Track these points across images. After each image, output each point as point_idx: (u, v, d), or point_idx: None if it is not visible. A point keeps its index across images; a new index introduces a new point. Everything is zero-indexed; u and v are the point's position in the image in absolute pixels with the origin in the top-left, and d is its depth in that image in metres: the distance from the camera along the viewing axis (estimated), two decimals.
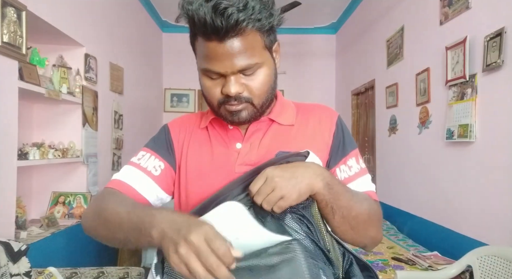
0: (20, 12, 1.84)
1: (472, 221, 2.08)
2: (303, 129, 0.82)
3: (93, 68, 2.78)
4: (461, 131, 2.09)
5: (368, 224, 0.72)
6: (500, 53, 1.80)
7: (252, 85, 0.72)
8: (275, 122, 0.82)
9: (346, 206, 0.67)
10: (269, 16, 0.70)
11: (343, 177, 0.78)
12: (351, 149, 0.81)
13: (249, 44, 0.68)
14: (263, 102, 0.75)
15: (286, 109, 0.85)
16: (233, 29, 0.65)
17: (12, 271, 1.48)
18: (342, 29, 4.97)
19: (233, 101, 0.72)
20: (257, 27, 0.68)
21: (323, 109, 0.87)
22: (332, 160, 0.80)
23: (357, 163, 0.80)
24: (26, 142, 2.28)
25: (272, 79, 0.77)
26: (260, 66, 0.72)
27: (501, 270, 1.67)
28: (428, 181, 2.58)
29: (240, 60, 0.68)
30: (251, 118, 0.76)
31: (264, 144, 0.80)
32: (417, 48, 2.78)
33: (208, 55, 0.69)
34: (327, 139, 0.80)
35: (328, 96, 5.32)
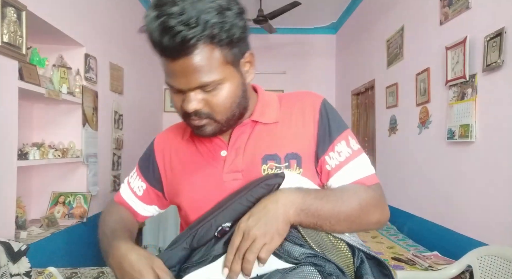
0: (20, 12, 1.84)
1: (472, 221, 2.08)
2: (288, 124, 0.79)
3: (93, 68, 2.78)
4: (462, 131, 2.09)
5: (364, 216, 0.71)
6: (500, 53, 1.80)
7: (212, 102, 0.68)
8: (259, 122, 0.79)
9: (331, 215, 0.66)
10: (230, 28, 0.63)
11: (333, 165, 0.76)
12: (339, 133, 0.77)
13: (204, 61, 0.64)
14: (227, 118, 0.72)
15: (269, 107, 0.81)
16: (181, 48, 0.61)
17: (12, 271, 1.48)
18: (342, 29, 4.98)
19: (194, 116, 0.70)
20: (214, 42, 0.63)
21: (306, 97, 0.82)
22: (320, 149, 0.77)
23: (347, 147, 0.77)
24: (26, 142, 2.28)
25: (238, 94, 0.71)
26: (221, 82, 0.67)
27: (501, 270, 1.67)
28: (428, 181, 2.58)
29: (195, 78, 0.65)
30: (215, 132, 0.74)
31: (249, 148, 0.78)
32: (417, 48, 2.78)
33: (166, 71, 0.68)
34: (312, 129, 0.78)
35: (328, 96, 5.29)
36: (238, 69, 0.71)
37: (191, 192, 0.80)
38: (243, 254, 0.62)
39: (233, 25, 0.64)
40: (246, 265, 0.61)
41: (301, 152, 0.76)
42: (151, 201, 0.90)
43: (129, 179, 0.92)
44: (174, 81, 0.67)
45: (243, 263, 0.61)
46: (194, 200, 0.80)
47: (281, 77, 5.22)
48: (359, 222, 0.70)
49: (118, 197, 0.92)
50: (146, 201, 0.90)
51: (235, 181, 0.76)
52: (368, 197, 0.72)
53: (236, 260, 0.62)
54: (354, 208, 0.69)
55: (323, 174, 0.77)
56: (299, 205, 0.64)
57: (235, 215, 0.67)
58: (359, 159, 0.77)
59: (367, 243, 2.55)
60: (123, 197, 0.91)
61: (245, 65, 0.74)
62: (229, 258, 0.63)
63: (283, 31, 4.90)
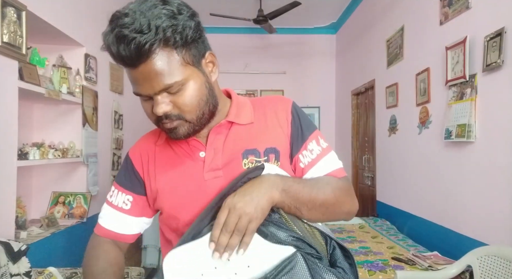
0: (20, 12, 1.84)
1: (472, 221, 2.08)
2: (262, 124, 0.83)
3: (93, 68, 2.78)
4: (459, 130, 2.09)
5: (337, 204, 0.76)
6: (500, 53, 1.80)
7: (179, 102, 0.71)
8: (234, 123, 0.82)
9: (309, 200, 0.71)
10: (182, 30, 0.66)
11: (306, 162, 0.81)
12: (309, 133, 0.83)
13: (163, 64, 0.66)
14: (197, 116, 0.74)
15: (243, 108, 0.85)
16: (138, 55, 0.64)
17: (12, 271, 1.48)
18: (342, 29, 4.98)
19: (165, 119, 0.72)
20: (169, 45, 0.66)
21: (277, 101, 0.88)
22: (294, 148, 0.82)
23: (317, 145, 0.83)
24: (26, 142, 2.28)
25: (203, 92, 0.73)
26: (184, 82, 0.69)
27: (501, 270, 1.67)
28: (428, 181, 2.59)
29: (157, 81, 0.67)
30: (189, 133, 0.75)
31: (228, 147, 0.80)
32: (417, 48, 2.78)
33: (131, 79, 0.71)
34: (286, 129, 0.82)
35: (328, 96, 5.32)
36: (200, 69, 0.73)
37: (173, 193, 0.82)
38: (230, 228, 0.64)
39: (185, 26, 0.67)
40: (232, 240, 0.65)
41: (278, 147, 0.81)
42: (141, 212, 0.88)
43: (110, 199, 0.89)
44: (139, 88, 0.70)
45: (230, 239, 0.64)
46: (176, 201, 0.81)
47: (281, 77, 5.23)
48: (333, 209, 0.76)
49: (99, 229, 0.88)
50: (135, 213, 0.88)
51: (216, 178, 0.78)
52: (340, 187, 0.78)
53: (224, 233, 0.64)
54: (329, 195, 0.75)
55: (297, 171, 0.82)
56: (280, 185, 0.69)
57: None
58: (329, 156, 0.83)
59: (367, 243, 2.55)
60: (104, 227, 0.87)
61: (208, 65, 0.76)
62: (215, 234, 0.65)
63: (283, 31, 4.90)
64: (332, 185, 0.77)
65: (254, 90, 5.24)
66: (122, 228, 0.88)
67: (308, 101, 5.22)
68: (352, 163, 4.45)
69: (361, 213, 4.24)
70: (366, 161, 4.16)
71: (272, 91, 5.22)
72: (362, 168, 4.30)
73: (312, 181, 0.76)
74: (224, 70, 4.83)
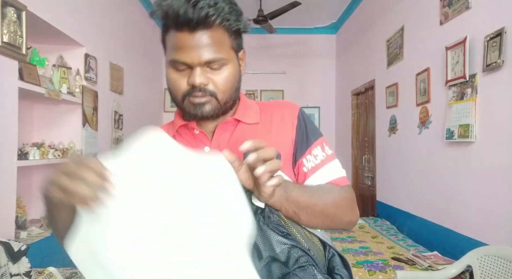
0: (20, 12, 1.84)
1: (472, 221, 2.08)
2: (268, 126, 0.84)
3: (93, 68, 2.78)
4: (462, 131, 2.09)
5: (338, 213, 0.76)
6: (500, 53, 1.80)
7: (217, 80, 0.74)
8: (241, 122, 0.83)
9: (308, 205, 0.71)
10: (237, 19, 0.74)
11: (310, 167, 0.81)
12: (315, 139, 0.84)
13: (217, 39, 0.72)
14: (226, 99, 0.77)
15: (250, 109, 0.87)
16: (203, 21, 0.69)
17: (12, 271, 1.48)
18: (342, 29, 4.98)
19: (198, 92, 0.74)
20: (225, 26, 0.73)
21: (285, 105, 0.89)
22: (298, 152, 0.83)
23: (322, 151, 0.83)
24: (26, 142, 2.28)
25: (236, 79, 0.79)
26: (226, 63, 0.75)
27: (501, 270, 1.67)
28: (428, 181, 2.58)
29: (207, 52, 0.72)
30: (213, 113, 0.77)
31: (232, 143, 0.81)
32: (417, 48, 2.78)
33: (177, 46, 0.72)
34: (291, 133, 0.83)
35: (328, 96, 5.32)
36: (237, 59, 0.80)
37: None
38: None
39: (240, 18, 0.75)
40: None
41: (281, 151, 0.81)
42: None
43: None
44: (185, 55, 0.72)
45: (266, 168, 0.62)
46: None
47: (281, 77, 5.23)
48: (333, 218, 0.76)
49: None
50: None
51: None
52: (342, 197, 0.78)
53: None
54: (329, 203, 0.75)
55: (300, 175, 0.83)
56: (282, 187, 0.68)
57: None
58: (333, 163, 0.83)
59: (367, 243, 2.55)
60: None
61: (241, 61, 0.82)
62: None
63: (283, 31, 4.90)
64: (334, 194, 0.77)
65: (254, 90, 5.24)
66: None
67: (308, 101, 5.22)
68: (352, 163, 4.44)
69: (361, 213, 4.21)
70: (366, 161, 4.16)
71: (272, 91, 5.23)
72: (362, 168, 4.30)
73: (313, 188, 0.76)
74: None
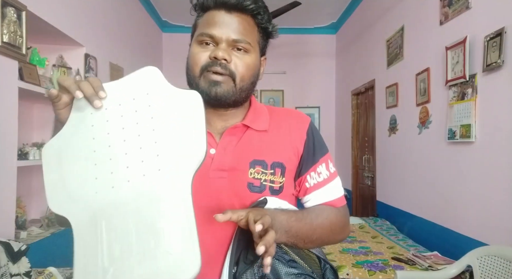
0: (20, 12, 1.84)
1: (472, 221, 2.08)
2: (275, 135, 0.84)
3: (93, 68, 2.77)
4: (463, 131, 2.09)
5: (332, 236, 0.81)
6: (500, 53, 1.80)
7: (238, 62, 0.76)
8: (250, 128, 0.83)
9: (306, 236, 0.75)
10: (268, 20, 0.80)
11: (312, 184, 0.84)
12: (321, 156, 0.86)
13: (248, 26, 0.77)
14: (242, 85, 0.78)
15: (260, 115, 0.86)
16: (241, 5, 0.75)
17: (12, 271, 1.48)
18: (342, 29, 4.98)
19: (217, 66, 0.75)
20: (257, 20, 0.78)
21: (295, 117, 0.89)
22: (303, 168, 0.84)
23: (326, 169, 0.86)
24: (26, 142, 2.28)
25: (255, 72, 0.81)
26: (250, 50, 0.78)
27: (501, 270, 1.67)
28: (428, 181, 2.59)
29: (237, 31, 0.76)
30: (228, 94, 0.77)
31: (239, 149, 0.81)
32: (417, 48, 2.78)
33: (211, 21, 0.76)
34: (298, 148, 0.84)
35: (328, 96, 5.32)
36: (260, 56, 0.82)
37: None
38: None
39: (270, 20, 0.81)
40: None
41: (286, 163, 0.82)
42: None
43: None
44: (216, 29, 0.75)
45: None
46: None
47: (281, 77, 5.22)
48: (327, 241, 0.82)
49: None
50: None
51: (220, 179, 0.79)
52: (338, 221, 0.82)
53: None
54: (326, 231, 0.79)
55: (301, 189, 0.85)
56: (284, 227, 0.71)
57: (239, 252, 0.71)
58: (334, 182, 0.86)
59: (367, 243, 2.55)
60: None
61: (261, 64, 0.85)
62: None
63: (283, 31, 4.88)
64: (331, 219, 0.80)
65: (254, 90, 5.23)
66: None
67: (308, 101, 5.22)
68: (352, 163, 4.45)
69: (361, 213, 4.25)
70: (366, 161, 4.16)
71: (272, 91, 5.22)
72: (362, 168, 4.30)
73: (312, 216, 0.78)
74: None
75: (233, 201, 0.78)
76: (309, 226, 0.75)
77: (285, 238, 0.72)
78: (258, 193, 0.79)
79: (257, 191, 0.79)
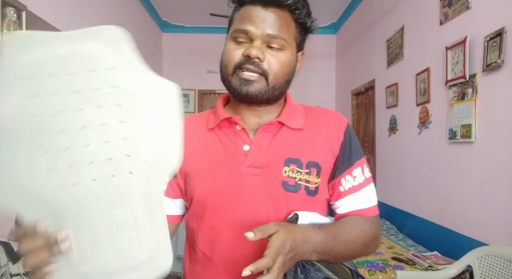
0: (20, 12, 1.84)
1: (472, 221, 2.08)
2: (311, 134, 0.81)
3: None
4: (464, 131, 2.09)
5: (365, 249, 0.78)
6: (500, 53, 1.80)
7: (272, 60, 0.74)
8: (285, 125, 0.81)
9: (340, 253, 0.72)
10: (307, 14, 0.77)
11: (347, 187, 0.80)
12: (357, 159, 0.82)
13: (285, 22, 0.74)
14: (276, 84, 0.76)
15: (296, 113, 0.84)
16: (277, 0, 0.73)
17: (12, 271, 1.48)
18: (342, 29, 4.98)
19: (250, 65, 0.73)
20: (295, 15, 0.75)
21: (332, 116, 0.86)
22: (338, 170, 0.80)
23: (362, 174, 0.82)
24: None
25: (291, 70, 0.79)
26: (286, 47, 0.75)
27: (501, 270, 1.67)
28: (428, 181, 2.59)
29: (272, 27, 0.73)
30: (260, 93, 0.75)
31: (273, 147, 0.79)
32: (417, 48, 2.78)
33: (246, 17, 0.75)
34: (335, 149, 0.81)
35: (328, 96, 5.32)
36: (296, 55, 0.80)
37: (208, 177, 0.79)
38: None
39: (309, 15, 0.78)
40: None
41: (321, 163, 0.79)
42: (176, 194, 0.85)
43: None
44: (251, 25, 0.73)
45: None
46: (208, 185, 0.79)
47: None
48: (359, 255, 0.78)
49: None
50: (172, 195, 0.84)
51: (254, 176, 0.77)
52: (371, 234, 0.79)
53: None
54: (359, 246, 0.76)
55: (334, 193, 0.82)
56: (319, 248, 0.69)
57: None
58: (369, 187, 0.83)
59: None
60: None
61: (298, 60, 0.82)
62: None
63: None
64: (365, 233, 0.77)
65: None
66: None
67: (308, 101, 5.21)
68: None
69: None
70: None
71: None
72: None
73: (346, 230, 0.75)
74: None
75: (266, 199, 0.76)
76: (343, 243, 0.73)
77: (316, 257, 0.69)
78: (293, 192, 0.76)
79: (291, 190, 0.76)
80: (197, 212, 0.81)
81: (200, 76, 5.06)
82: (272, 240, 0.60)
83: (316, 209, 0.78)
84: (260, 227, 0.62)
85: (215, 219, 0.78)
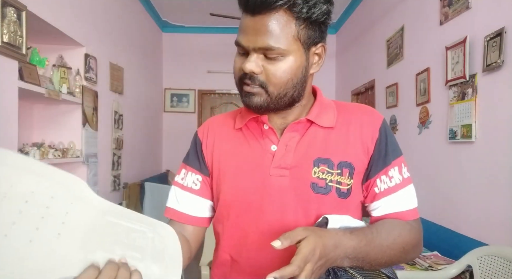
0: (20, 12, 1.84)
1: (472, 221, 2.08)
2: (344, 133, 0.77)
3: (93, 68, 2.78)
4: (464, 131, 2.09)
5: (404, 256, 0.72)
6: (500, 53, 1.80)
7: (270, 71, 0.68)
8: (314, 123, 0.76)
9: (375, 259, 0.67)
10: (312, 6, 0.66)
11: (383, 189, 0.75)
12: (394, 158, 0.77)
13: (278, 26, 0.66)
14: (278, 94, 0.70)
15: (326, 110, 0.79)
16: (263, 4, 0.64)
17: None
18: (342, 29, 4.98)
19: (248, 80, 0.70)
20: (293, 12, 0.66)
21: (367, 112, 0.80)
22: (373, 170, 0.76)
23: (399, 173, 0.77)
24: (26, 142, 2.28)
25: (297, 75, 0.71)
26: (284, 54, 0.67)
27: (501, 270, 1.67)
28: (428, 181, 2.58)
29: (262, 38, 0.66)
30: (262, 106, 0.71)
31: (301, 147, 0.75)
32: (417, 48, 2.78)
33: (240, 28, 0.70)
34: (369, 147, 0.76)
35: (328, 96, 5.22)
36: (306, 52, 0.71)
37: (235, 178, 0.78)
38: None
39: (317, 4, 0.66)
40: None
41: (354, 163, 0.75)
42: (208, 194, 0.84)
43: (180, 181, 0.85)
44: (243, 38, 0.69)
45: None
46: (235, 186, 0.77)
47: None
48: (397, 262, 0.72)
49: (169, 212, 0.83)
50: (205, 195, 0.83)
51: (282, 177, 0.74)
52: (411, 239, 0.73)
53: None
54: (397, 252, 0.70)
55: (369, 195, 0.77)
56: (351, 254, 0.63)
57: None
58: (407, 188, 0.77)
59: None
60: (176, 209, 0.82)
61: (314, 56, 0.74)
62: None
63: None
64: (403, 238, 0.71)
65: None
66: (193, 209, 0.82)
67: None
68: None
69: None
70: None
71: None
72: None
73: (382, 235, 0.68)
74: (225, 70, 4.83)
75: (295, 202, 0.73)
76: (378, 249, 0.67)
77: (348, 263, 0.64)
78: (323, 195, 0.72)
79: (322, 192, 0.72)
80: (223, 214, 0.79)
81: (200, 76, 5.06)
82: (301, 247, 0.57)
83: (349, 212, 0.73)
84: (287, 234, 0.58)
85: (242, 222, 0.77)
